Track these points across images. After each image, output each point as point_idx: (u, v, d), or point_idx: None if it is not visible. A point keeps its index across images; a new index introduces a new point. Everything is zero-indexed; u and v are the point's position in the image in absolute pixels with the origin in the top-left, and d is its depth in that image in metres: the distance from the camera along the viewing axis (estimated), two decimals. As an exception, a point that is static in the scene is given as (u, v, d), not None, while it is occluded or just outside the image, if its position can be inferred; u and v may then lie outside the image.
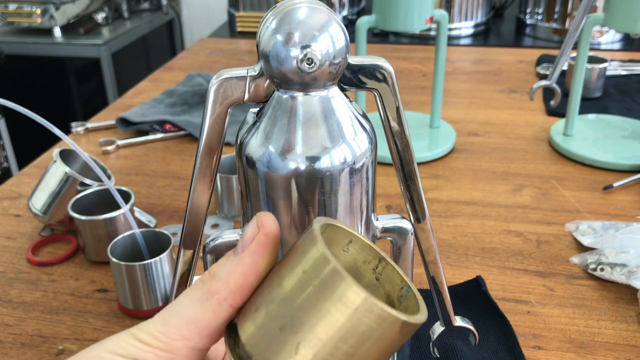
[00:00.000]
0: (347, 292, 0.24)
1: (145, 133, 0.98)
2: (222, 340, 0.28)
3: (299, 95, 0.32)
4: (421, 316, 0.25)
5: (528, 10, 1.52)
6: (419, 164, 0.86)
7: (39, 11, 1.91)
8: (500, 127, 0.99)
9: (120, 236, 0.61)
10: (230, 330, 0.27)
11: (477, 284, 0.62)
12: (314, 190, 0.32)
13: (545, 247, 0.69)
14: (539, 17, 1.49)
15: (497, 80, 1.19)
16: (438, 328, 0.43)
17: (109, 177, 0.73)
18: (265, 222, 0.27)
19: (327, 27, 0.31)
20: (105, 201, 0.68)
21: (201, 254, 0.37)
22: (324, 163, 0.32)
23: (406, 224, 0.38)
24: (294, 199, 0.33)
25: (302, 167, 0.32)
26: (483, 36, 1.53)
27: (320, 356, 0.24)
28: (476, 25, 1.53)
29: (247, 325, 0.26)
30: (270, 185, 0.33)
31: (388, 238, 0.38)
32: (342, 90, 0.34)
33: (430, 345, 0.44)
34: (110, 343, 0.26)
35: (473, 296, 0.61)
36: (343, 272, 0.24)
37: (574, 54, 0.95)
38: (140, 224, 0.72)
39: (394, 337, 0.25)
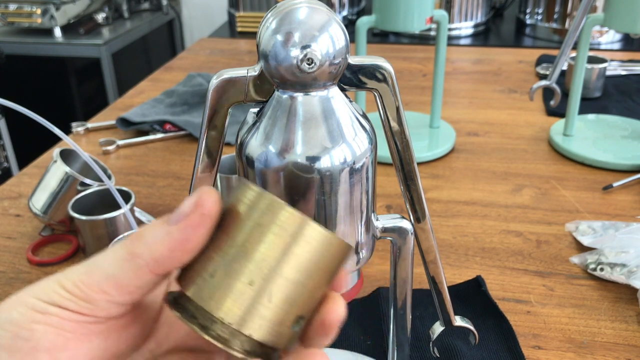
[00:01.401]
0: (283, 216, 0.25)
1: (146, 133, 0.98)
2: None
3: (299, 95, 0.32)
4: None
5: (528, 10, 1.52)
6: (419, 164, 0.86)
7: (39, 11, 1.91)
8: (500, 127, 0.99)
9: (121, 236, 0.61)
10: (176, 299, 0.26)
11: (477, 284, 0.62)
12: (313, 190, 0.32)
13: (545, 247, 0.69)
14: (539, 17, 1.49)
15: (497, 80, 1.19)
16: (438, 328, 0.43)
17: (109, 177, 0.73)
18: (205, 201, 0.25)
19: (327, 27, 0.31)
20: (105, 201, 0.68)
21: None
22: (324, 163, 0.32)
23: (406, 224, 0.38)
24: (293, 199, 0.33)
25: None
26: (483, 36, 1.53)
27: (281, 291, 0.25)
28: (476, 26, 1.53)
29: (194, 284, 0.25)
30: (270, 185, 0.33)
31: (388, 238, 0.39)
32: (342, 90, 0.34)
33: (430, 345, 0.44)
34: (37, 287, 0.26)
35: (473, 296, 0.61)
36: (277, 199, 0.25)
37: (573, 54, 0.95)
38: (141, 224, 0.72)
39: (338, 262, 0.26)
